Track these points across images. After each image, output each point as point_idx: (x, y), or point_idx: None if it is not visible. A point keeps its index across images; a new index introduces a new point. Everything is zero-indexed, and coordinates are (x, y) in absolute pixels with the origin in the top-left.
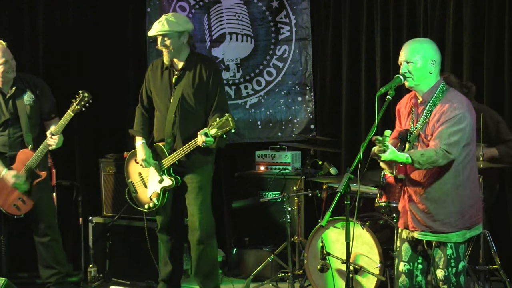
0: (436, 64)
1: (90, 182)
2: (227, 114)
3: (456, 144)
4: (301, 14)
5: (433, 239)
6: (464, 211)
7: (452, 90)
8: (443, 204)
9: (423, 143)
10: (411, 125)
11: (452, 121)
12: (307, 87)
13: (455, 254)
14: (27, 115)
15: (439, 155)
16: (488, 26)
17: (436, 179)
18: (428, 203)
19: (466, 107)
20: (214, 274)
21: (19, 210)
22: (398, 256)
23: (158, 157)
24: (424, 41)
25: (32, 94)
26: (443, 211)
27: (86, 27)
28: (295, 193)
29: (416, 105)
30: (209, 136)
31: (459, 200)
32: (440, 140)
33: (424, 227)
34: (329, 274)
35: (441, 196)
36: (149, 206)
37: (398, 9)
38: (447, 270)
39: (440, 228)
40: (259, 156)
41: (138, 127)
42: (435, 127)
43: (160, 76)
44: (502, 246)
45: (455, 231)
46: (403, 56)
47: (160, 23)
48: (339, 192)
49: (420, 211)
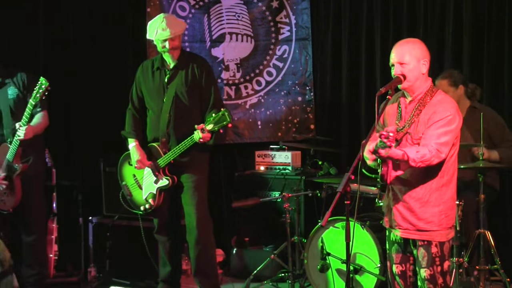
0: (427, 64)
1: (90, 182)
2: (223, 109)
3: (446, 145)
4: (301, 14)
5: (416, 237)
6: (447, 212)
7: (440, 92)
8: (427, 203)
9: (411, 142)
10: (398, 124)
11: (443, 122)
12: (307, 87)
13: (440, 253)
14: (11, 109)
15: (432, 154)
16: (488, 26)
17: (421, 178)
18: (412, 202)
19: (455, 109)
20: (214, 273)
21: (5, 204)
22: (390, 259)
23: (153, 157)
24: (414, 41)
25: (16, 89)
26: (427, 210)
27: (86, 27)
28: (295, 193)
29: (404, 104)
30: (206, 132)
31: (442, 200)
32: (431, 140)
33: (409, 224)
34: (329, 274)
35: (425, 195)
36: (145, 207)
37: (398, 9)
38: (432, 268)
39: (424, 227)
40: (259, 156)
41: (130, 129)
42: (425, 127)
43: (152, 77)
44: (502, 246)
45: (439, 229)
46: (395, 58)
47: (160, 27)
48: (339, 192)
49: (404, 209)
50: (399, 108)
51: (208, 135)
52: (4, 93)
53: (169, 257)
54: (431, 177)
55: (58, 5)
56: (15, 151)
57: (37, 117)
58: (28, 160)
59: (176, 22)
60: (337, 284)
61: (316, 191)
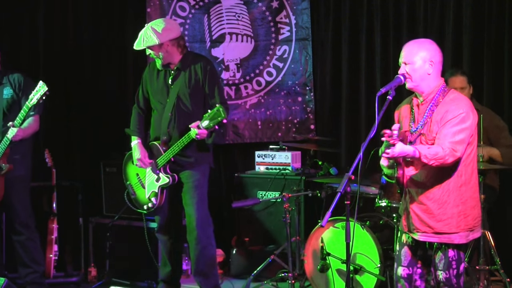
0: (435, 65)
1: (90, 182)
2: (218, 105)
3: (461, 143)
4: (301, 14)
5: (435, 240)
6: (467, 212)
7: (453, 91)
8: (445, 204)
9: (425, 142)
10: (411, 126)
11: (456, 120)
12: (307, 87)
13: (457, 256)
14: (4, 109)
15: (446, 152)
16: (488, 26)
17: (438, 178)
18: (430, 203)
19: (468, 106)
20: (214, 274)
21: None
22: (397, 260)
23: (154, 156)
24: (423, 42)
25: (11, 89)
26: (446, 212)
27: (86, 27)
28: (295, 193)
29: (417, 105)
30: (201, 128)
31: (462, 200)
32: (446, 139)
33: (427, 227)
34: (329, 274)
35: (443, 196)
36: (148, 206)
37: (398, 9)
38: (448, 272)
39: (443, 229)
40: (259, 156)
41: (134, 127)
42: (439, 127)
43: (156, 77)
44: (502, 246)
45: (458, 232)
46: (402, 57)
47: (140, 36)
48: (339, 192)
49: (421, 211)
50: (412, 110)
51: (204, 131)
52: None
53: (170, 257)
54: (448, 177)
55: (58, 5)
56: (3, 150)
57: (28, 121)
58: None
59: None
60: (337, 284)
61: (316, 191)
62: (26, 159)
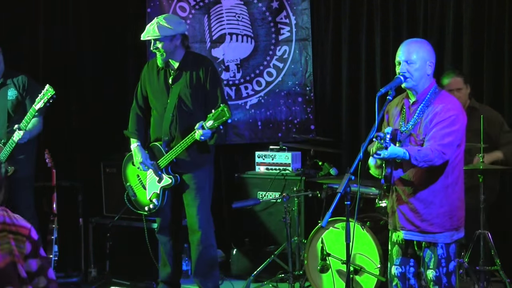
0: (433, 66)
1: (90, 183)
2: (222, 105)
3: (450, 145)
4: (301, 15)
5: (420, 239)
6: (452, 213)
7: (445, 92)
8: (432, 204)
9: (414, 143)
10: (402, 124)
11: (446, 122)
12: (307, 88)
13: (446, 254)
14: (8, 110)
15: (435, 154)
16: (488, 26)
17: (425, 179)
18: (417, 203)
19: (459, 109)
20: (214, 274)
21: None
22: (390, 259)
23: (155, 157)
24: (422, 42)
25: (16, 90)
26: (431, 211)
27: (86, 27)
28: (295, 193)
29: (407, 105)
30: (206, 129)
31: (448, 201)
32: (435, 141)
33: (412, 226)
34: (329, 275)
35: (430, 196)
36: (149, 208)
37: (398, 9)
38: (438, 270)
39: (428, 228)
40: (259, 157)
41: (133, 129)
42: (429, 128)
43: (157, 76)
44: (502, 247)
45: (443, 231)
46: (402, 56)
47: (151, 26)
48: (339, 193)
49: (408, 210)
50: (403, 109)
51: (209, 131)
52: (4, 93)
53: (169, 257)
54: (435, 178)
55: (58, 5)
56: (9, 153)
57: (33, 123)
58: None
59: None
60: (337, 284)
61: (316, 192)
62: (30, 159)
